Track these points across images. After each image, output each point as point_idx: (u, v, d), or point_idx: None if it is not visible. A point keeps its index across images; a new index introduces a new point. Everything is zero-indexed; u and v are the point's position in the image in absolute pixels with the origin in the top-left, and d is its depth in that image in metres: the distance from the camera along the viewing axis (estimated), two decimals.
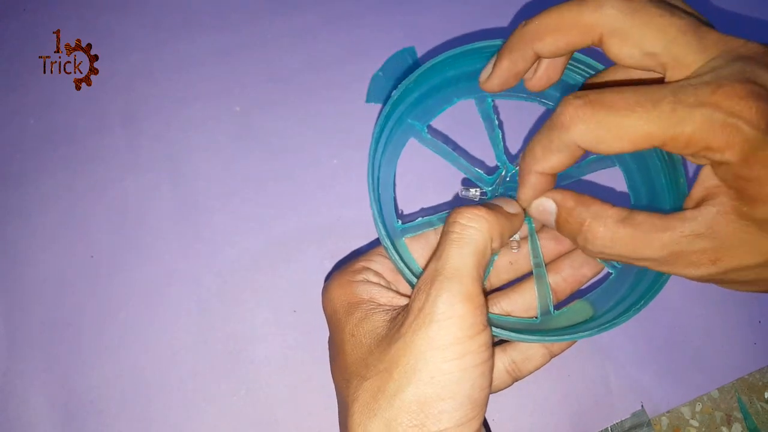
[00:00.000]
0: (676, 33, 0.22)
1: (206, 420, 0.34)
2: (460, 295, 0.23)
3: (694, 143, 0.20)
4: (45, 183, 0.39)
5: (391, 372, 0.24)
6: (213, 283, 0.37)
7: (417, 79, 0.30)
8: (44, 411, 0.34)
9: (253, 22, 0.44)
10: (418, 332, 0.23)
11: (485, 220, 0.25)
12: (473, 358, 0.23)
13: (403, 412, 0.23)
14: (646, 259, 0.23)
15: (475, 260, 0.24)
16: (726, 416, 0.35)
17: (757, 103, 0.20)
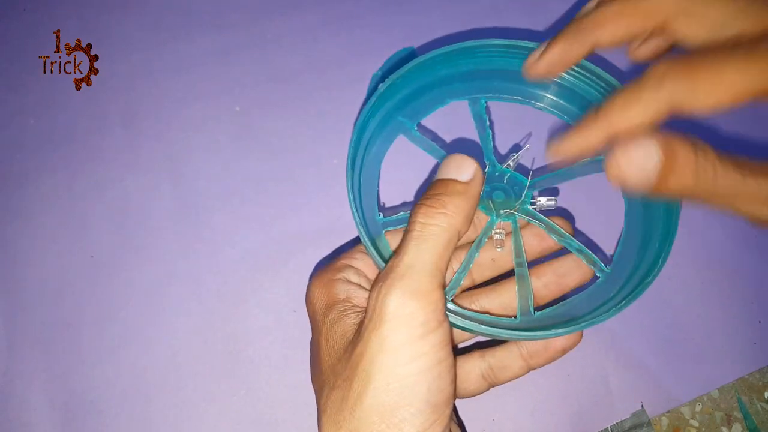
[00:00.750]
0: (742, 3, 0.22)
1: (206, 420, 0.34)
2: (410, 292, 0.22)
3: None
4: (45, 183, 0.39)
5: (352, 380, 0.23)
6: (213, 283, 0.37)
7: (406, 74, 0.29)
8: (44, 411, 0.34)
9: (253, 22, 0.44)
10: (372, 335, 0.23)
11: (445, 216, 0.24)
12: (427, 360, 0.22)
13: (364, 423, 0.22)
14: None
15: (434, 255, 0.23)
16: (726, 416, 0.35)
17: None
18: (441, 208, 0.24)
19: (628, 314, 0.36)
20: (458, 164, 0.25)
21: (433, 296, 0.23)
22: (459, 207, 0.24)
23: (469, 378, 0.30)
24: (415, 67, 0.29)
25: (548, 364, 0.29)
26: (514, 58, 0.30)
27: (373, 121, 0.30)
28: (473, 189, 0.25)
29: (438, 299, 0.23)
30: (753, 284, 0.37)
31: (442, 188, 0.25)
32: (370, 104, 0.29)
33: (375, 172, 0.32)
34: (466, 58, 0.30)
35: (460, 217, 0.24)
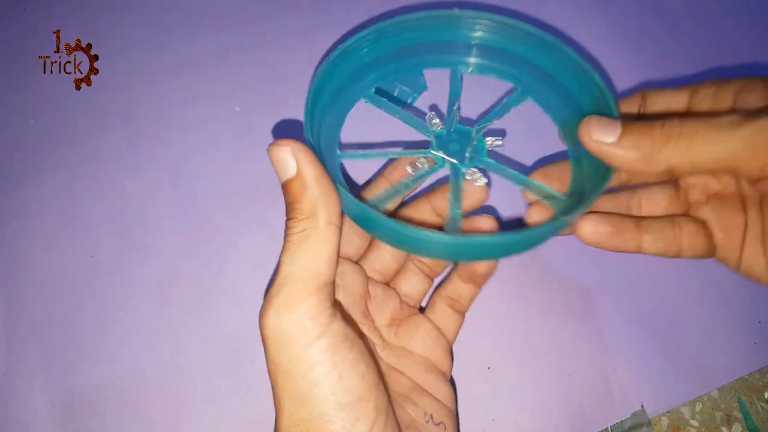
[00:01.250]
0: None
1: (206, 420, 0.34)
2: (284, 306, 0.22)
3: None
4: (45, 183, 0.39)
5: (274, 398, 0.24)
6: (213, 283, 0.37)
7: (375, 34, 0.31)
8: (44, 411, 0.34)
9: (253, 22, 0.44)
10: (267, 359, 0.23)
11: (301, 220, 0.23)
12: (322, 368, 0.22)
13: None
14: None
15: (306, 259, 0.23)
16: (726, 416, 0.35)
17: None
18: (296, 215, 0.23)
19: (628, 314, 0.36)
20: (278, 161, 0.24)
21: (309, 303, 0.22)
22: (309, 201, 0.23)
23: (445, 319, 0.32)
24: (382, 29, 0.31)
25: (485, 281, 0.31)
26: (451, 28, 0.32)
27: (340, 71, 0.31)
28: (306, 173, 0.23)
29: (316, 304, 0.23)
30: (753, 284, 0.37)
31: (286, 196, 0.24)
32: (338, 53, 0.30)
33: (340, 117, 0.32)
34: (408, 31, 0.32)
35: (320, 207, 0.23)
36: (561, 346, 0.35)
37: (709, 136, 0.22)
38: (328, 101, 0.31)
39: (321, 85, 0.29)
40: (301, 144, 0.24)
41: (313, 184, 0.23)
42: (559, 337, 0.36)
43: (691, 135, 0.22)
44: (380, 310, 0.32)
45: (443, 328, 0.32)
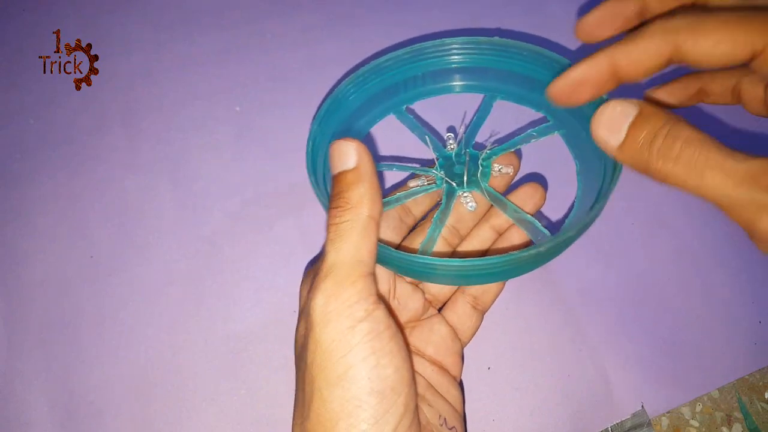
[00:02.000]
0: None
1: (206, 420, 0.34)
2: (332, 289, 0.23)
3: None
4: (45, 183, 0.39)
5: (304, 383, 0.24)
6: (213, 283, 0.37)
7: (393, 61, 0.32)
8: (44, 411, 0.34)
9: (253, 22, 0.44)
10: (308, 340, 0.24)
11: (349, 210, 0.24)
12: (360, 351, 0.23)
13: (317, 424, 0.23)
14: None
15: (351, 248, 0.24)
16: (726, 416, 0.35)
17: None
18: (344, 205, 0.24)
19: (628, 314, 0.36)
20: (340, 153, 0.25)
21: (354, 288, 0.23)
22: (359, 194, 0.24)
23: (464, 319, 0.32)
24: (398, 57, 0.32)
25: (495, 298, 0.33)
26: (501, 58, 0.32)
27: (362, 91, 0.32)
28: (363, 169, 0.25)
29: (361, 289, 0.23)
30: (753, 284, 0.37)
31: (338, 185, 0.25)
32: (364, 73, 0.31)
33: (364, 128, 0.33)
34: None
35: (365, 201, 0.24)
36: (561, 346, 0.35)
37: (705, 174, 0.21)
38: (354, 113, 0.32)
39: (346, 95, 0.30)
40: (363, 144, 0.25)
41: (367, 178, 0.25)
42: (559, 337, 0.36)
43: (688, 165, 0.21)
44: (402, 309, 0.32)
45: (460, 328, 0.32)
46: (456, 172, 0.32)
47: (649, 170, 0.22)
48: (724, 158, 0.20)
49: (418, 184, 0.32)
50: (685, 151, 0.21)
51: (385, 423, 0.23)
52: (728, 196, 0.20)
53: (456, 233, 0.34)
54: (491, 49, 0.32)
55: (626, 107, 0.22)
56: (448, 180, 0.32)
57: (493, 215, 0.33)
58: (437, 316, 0.33)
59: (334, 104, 0.30)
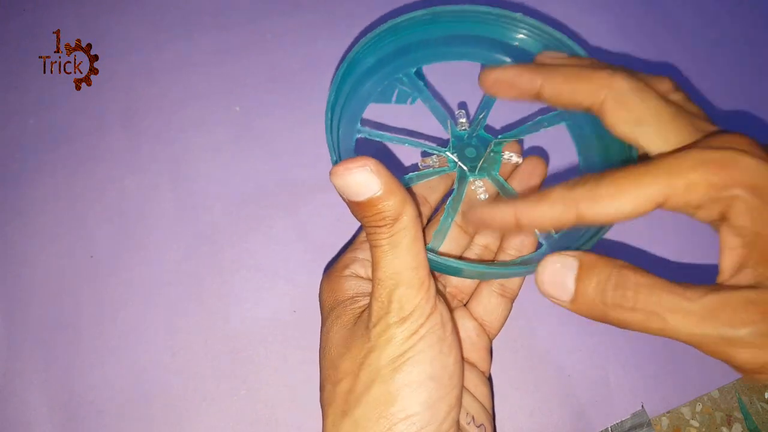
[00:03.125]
0: (669, 116, 0.23)
1: (206, 420, 0.34)
2: (407, 295, 0.24)
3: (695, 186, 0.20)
4: (45, 183, 0.39)
5: (358, 373, 0.24)
6: (213, 283, 0.37)
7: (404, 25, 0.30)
8: (44, 411, 0.34)
9: (253, 22, 0.44)
10: (380, 338, 0.24)
11: (391, 226, 0.24)
12: (427, 340, 0.24)
13: (371, 408, 0.24)
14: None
15: (412, 253, 0.24)
16: (726, 416, 0.35)
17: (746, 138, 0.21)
18: (381, 222, 0.24)
19: None
20: (360, 183, 0.23)
21: (423, 288, 0.24)
22: (392, 209, 0.24)
23: (491, 309, 0.32)
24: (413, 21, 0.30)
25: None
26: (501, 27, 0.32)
27: (369, 58, 0.31)
28: (391, 187, 0.24)
29: (428, 288, 0.25)
30: None
31: (368, 209, 0.24)
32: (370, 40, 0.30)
33: (371, 92, 0.32)
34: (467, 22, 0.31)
35: (406, 209, 0.24)
36: (561, 346, 0.35)
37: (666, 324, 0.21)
38: (365, 73, 0.31)
39: (360, 56, 0.30)
40: (375, 160, 0.24)
41: (397, 190, 0.24)
42: (559, 337, 0.36)
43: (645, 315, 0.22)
44: None
45: (487, 320, 0.32)
46: (467, 156, 0.32)
47: (607, 319, 0.22)
48: (679, 300, 0.20)
49: (430, 164, 0.31)
50: (639, 300, 0.21)
51: (437, 410, 0.24)
52: (695, 335, 0.20)
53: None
54: (511, 24, 0.31)
55: (566, 261, 0.22)
56: (461, 164, 0.31)
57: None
58: (461, 309, 0.32)
59: (350, 67, 0.30)
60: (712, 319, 0.20)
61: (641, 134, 0.24)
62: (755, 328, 0.19)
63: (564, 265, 0.22)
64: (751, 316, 0.19)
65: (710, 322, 0.20)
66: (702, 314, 0.20)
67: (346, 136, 0.30)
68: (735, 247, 0.22)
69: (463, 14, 0.31)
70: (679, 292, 0.20)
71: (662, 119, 0.23)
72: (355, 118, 0.31)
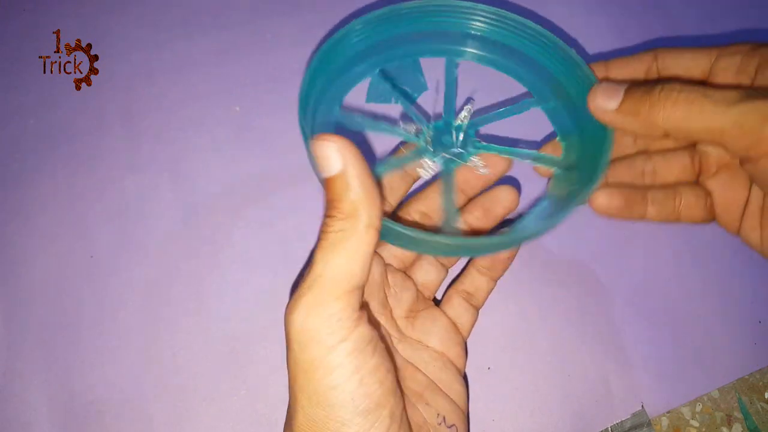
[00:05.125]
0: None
1: (206, 420, 0.34)
2: (314, 305, 0.22)
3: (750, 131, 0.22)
4: (45, 183, 0.39)
5: (289, 400, 0.24)
6: (213, 283, 0.37)
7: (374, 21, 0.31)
8: (44, 411, 0.34)
9: (253, 22, 0.44)
10: (288, 357, 0.23)
11: (344, 219, 0.22)
12: (343, 371, 0.22)
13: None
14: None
15: (342, 261, 0.22)
16: (726, 416, 0.35)
17: None
18: (336, 213, 0.22)
19: (628, 314, 0.36)
20: (323, 156, 0.22)
21: (337, 305, 0.22)
22: (350, 202, 0.22)
23: (460, 314, 0.33)
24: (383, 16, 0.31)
25: (505, 269, 0.33)
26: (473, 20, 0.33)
27: (339, 56, 0.32)
28: (350, 172, 0.22)
29: (344, 306, 0.22)
30: (753, 284, 0.37)
31: (328, 193, 0.23)
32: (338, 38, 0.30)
33: (343, 91, 0.34)
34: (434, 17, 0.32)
35: (360, 209, 0.22)
36: (561, 346, 0.35)
37: (704, 107, 0.23)
38: (332, 77, 0.32)
39: (325, 57, 0.30)
40: (347, 140, 0.22)
41: (356, 183, 0.22)
42: (559, 337, 0.36)
43: (687, 103, 0.23)
44: (398, 299, 0.31)
45: (458, 323, 0.32)
46: (444, 143, 0.32)
47: (647, 120, 0.24)
48: (718, 89, 0.22)
49: (409, 152, 0.32)
50: (684, 91, 0.23)
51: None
52: (730, 114, 0.22)
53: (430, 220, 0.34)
54: (468, 14, 0.32)
55: (619, 83, 0.26)
56: (446, 155, 0.32)
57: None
58: (436, 308, 0.33)
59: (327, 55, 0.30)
60: (749, 97, 0.21)
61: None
62: None
63: (617, 83, 0.26)
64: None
65: (747, 99, 0.21)
66: (740, 95, 0.22)
67: (323, 121, 0.32)
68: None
69: (422, 9, 0.32)
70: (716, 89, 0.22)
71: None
72: (334, 103, 0.33)
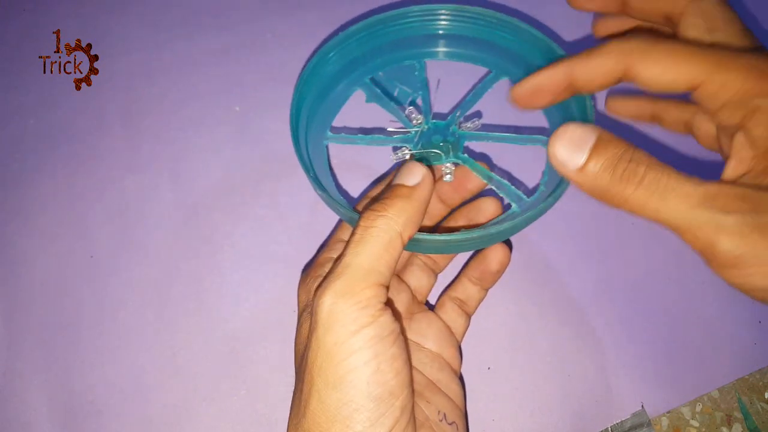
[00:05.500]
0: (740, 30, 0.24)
1: (206, 420, 0.34)
2: (341, 291, 0.23)
3: (730, 84, 0.21)
4: (45, 183, 0.39)
5: (303, 383, 0.24)
6: (213, 283, 0.37)
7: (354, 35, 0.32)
8: (44, 411, 0.34)
9: (253, 22, 0.44)
10: (312, 338, 0.23)
11: (385, 218, 0.24)
12: (363, 355, 0.23)
13: (314, 425, 0.23)
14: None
15: (371, 256, 0.23)
16: (726, 416, 0.35)
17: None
18: (382, 211, 0.24)
19: (628, 314, 0.36)
20: (408, 170, 0.26)
21: (365, 294, 0.23)
22: (401, 209, 0.24)
23: (454, 318, 0.33)
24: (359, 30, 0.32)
25: (495, 281, 0.33)
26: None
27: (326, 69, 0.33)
28: (419, 192, 0.25)
29: (371, 296, 0.23)
30: None
31: (388, 193, 0.25)
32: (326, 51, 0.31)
33: (335, 105, 0.34)
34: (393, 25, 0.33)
35: (402, 219, 0.24)
36: (561, 346, 0.35)
37: (667, 199, 0.21)
38: (322, 90, 0.33)
39: (310, 78, 0.31)
40: (431, 173, 0.26)
41: (418, 200, 0.25)
42: (559, 337, 0.36)
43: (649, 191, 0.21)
44: (396, 302, 0.32)
45: (453, 328, 0.33)
46: (432, 141, 0.33)
47: (608, 194, 0.22)
48: (683, 183, 0.21)
49: (402, 156, 0.32)
50: (648, 175, 0.21)
51: (380, 425, 0.23)
52: (687, 218, 0.21)
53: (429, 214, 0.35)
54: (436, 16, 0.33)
55: (586, 131, 0.22)
56: (436, 151, 0.32)
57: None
58: (430, 312, 0.33)
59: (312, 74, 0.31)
60: (708, 204, 0.20)
61: (710, 41, 0.24)
62: (744, 218, 0.20)
63: (583, 133, 0.22)
64: (743, 206, 0.20)
65: (705, 205, 0.20)
66: (700, 198, 0.20)
67: (316, 143, 0.32)
68: (744, 157, 0.22)
69: (397, 18, 0.33)
70: (685, 177, 0.21)
71: (734, 31, 0.24)
72: (325, 125, 0.33)
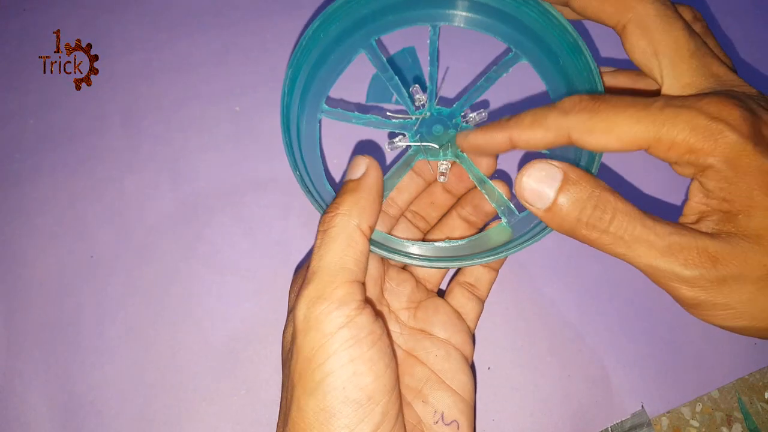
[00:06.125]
0: (688, 53, 0.24)
1: (206, 420, 0.34)
2: (314, 297, 0.23)
3: (677, 145, 0.21)
4: (45, 183, 0.39)
5: (286, 389, 0.24)
6: (213, 283, 0.37)
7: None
8: (44, 411, 0.34)
9: (253, 22, 0.44)
10: (293, 347, 0.24)
11: (339, 216, 0.24)
12: (338, 359, 0.23)
13: (296, 430, 0.23)
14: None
15: (335, 256, 0.24)
16: (726, 416, 0.35)
17: (741, 111, 0.21)
18: (335, 210, 0.25)
19: (628, 314, 0.36)
20: (353, 165, 0.26)
21: (336, 294, 0.23)
22: (353, 203, 0.25)
23: (464, 303, 0.33)
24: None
25: (503, 260, 0.33)
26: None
27: (325, 36, 0.31)
28: (365, 181, 0.26)
29: (343, 294, 0.23)
30: None
31: (339, 191, 0.26)
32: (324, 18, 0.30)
33: (325, 87, 0.33)
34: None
35: (356, 212, 0.25)
36: (561, 346, 0.35)
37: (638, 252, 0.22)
38: (324, 51, 0.31)
39: (310, 44, 0.30)
40: (377, 161, 0.26)
41: (366, 189, 0.25)
42: (559, 337, 0.36)
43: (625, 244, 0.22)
44: (396, 293, 0.32)
45: (463, 313, 0.32)
46: (434, 133, 0.32)
47: (575, 235, 0.23)
48: (648, 234, 0.21)
49: (398, 144, 0.31)
50: (613, 224, 0.22)
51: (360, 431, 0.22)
52: (651, 266, 0.22)
53: (423, 220, 0.35)
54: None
55: (551, 171, 0.23)
56: (433, 146, 0.31)
57: (466, 203, 0.34)
58: (438, 298, 0.33)
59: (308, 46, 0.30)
60: (671, 256, 0.21)
61: (655, 66, 0.24)
62: (702, 273, 0.21)
63: (549, 173, 0.23)
64: (703, 262, 0.21)
65: (668, 258, 0.21)
66: (663, 250, 0.21)
67: (310, 117, 0.31)
68: (701, 202, 0.23)
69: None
70: (649, 226, 0.22)
71: (680, 54, 0.24)
72: (320, 97, 0.32)
